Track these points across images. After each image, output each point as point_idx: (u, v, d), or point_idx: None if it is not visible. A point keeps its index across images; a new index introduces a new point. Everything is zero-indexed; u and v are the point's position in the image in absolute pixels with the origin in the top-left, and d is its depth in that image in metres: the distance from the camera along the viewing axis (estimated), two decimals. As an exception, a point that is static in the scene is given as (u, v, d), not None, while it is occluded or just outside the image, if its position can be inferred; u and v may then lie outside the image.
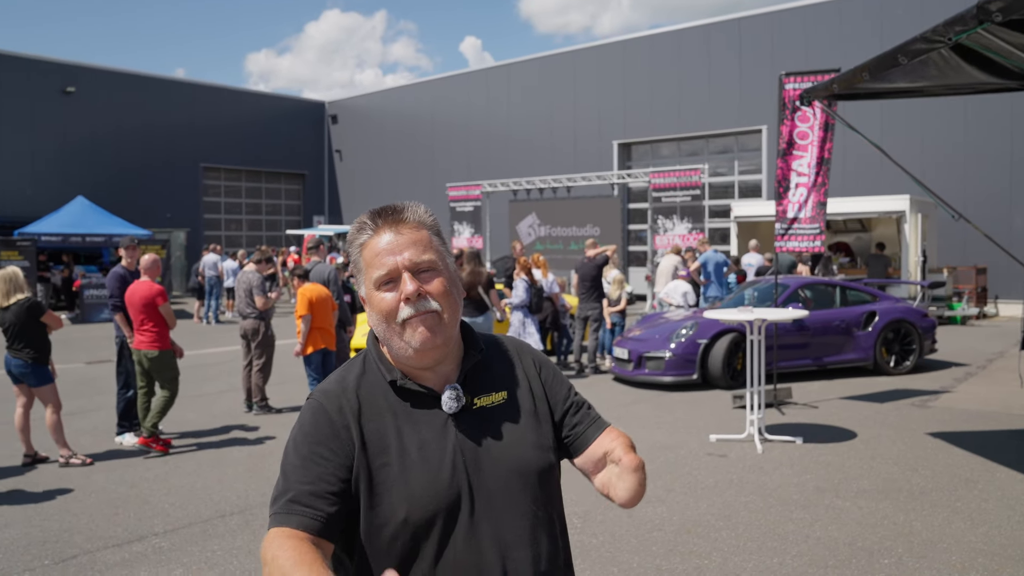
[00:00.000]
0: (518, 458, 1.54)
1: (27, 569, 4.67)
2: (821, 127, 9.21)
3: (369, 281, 1.54)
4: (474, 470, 1.50)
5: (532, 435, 1.58)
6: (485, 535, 1.48)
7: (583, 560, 4.64)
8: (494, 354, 1.66)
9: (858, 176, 20.90)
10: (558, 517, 1.61)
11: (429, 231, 1.58)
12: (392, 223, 1.56)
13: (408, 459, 1.48)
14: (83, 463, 6.89)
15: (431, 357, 1.53)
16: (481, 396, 1.57)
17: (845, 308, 11.10)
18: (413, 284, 1.50)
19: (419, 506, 1.45)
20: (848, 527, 5.14)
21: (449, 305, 1.54)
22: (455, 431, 1.52)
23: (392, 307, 1.51)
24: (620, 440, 1.59)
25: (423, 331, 1.50)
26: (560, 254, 21.53)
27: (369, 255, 1.55)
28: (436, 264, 1.55)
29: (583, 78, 27.68)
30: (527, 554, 1.51)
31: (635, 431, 7.85)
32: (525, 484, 1.54)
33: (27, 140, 27.81)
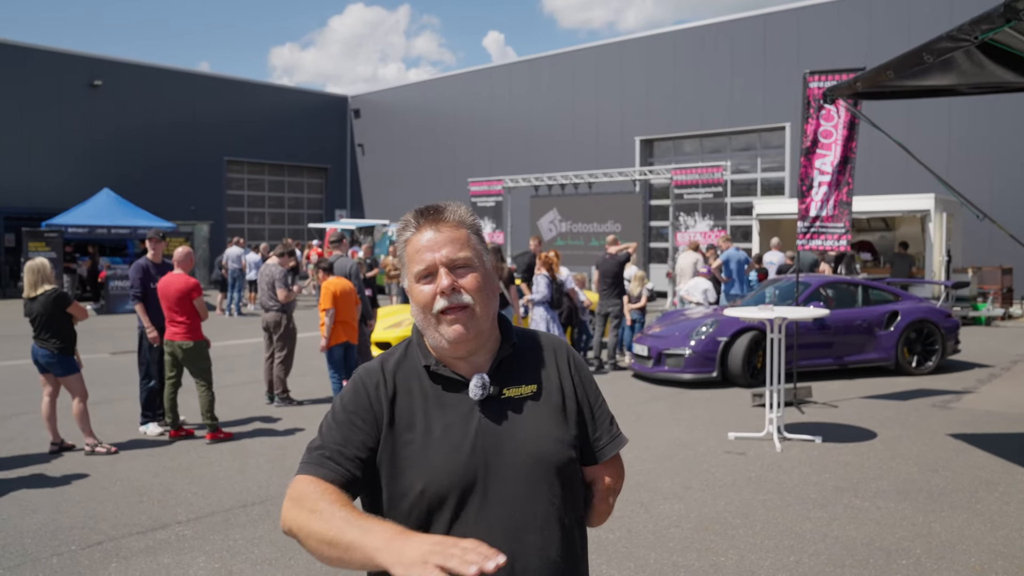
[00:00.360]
0: (538, 448, 1.61)
1: (55, 554, 4.77)
2: (846, 126, 9.15)
3: (410, 275, 1.66)
4: (493, 454, 1.58)
5: (555, 429, 1.65)
6: (496, 516, 1.56)
7: (599, 555, 4.67)
8: (530, 349, 1.74)
9: (883, 175, 20.72)
10: (574, 510, 1.67)
11: (468, 230, 1.68)
12: (433, 221, 1.67)
13: (431, 438, 1.58)
14: (108, 452, 7.00)
15: (463, 349, 1.62)
16: (510, 387, 1.65)
17: (867, 307, 11.03)
18: (448, 279, 1.61)
19: (435, 481, 1.55)
20: (866, 527, 5.13)
21: (482, 300, 1.63)
22: (480, 416, 1.60)
23: (429, 299, 1.61)
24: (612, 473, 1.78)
25: (457, 327, 1.60)
26: (581, 250, 21.52)
27: (411, 251, 1.67)
28: (472, 261, 1.65)
29: (606, 74, 27.62)
30: (537, 539, 1.57)
31: (653, 428, 7.87)
32: (542, 474, 1.60)
33: (55, 133, 28.17)
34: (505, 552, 1.43)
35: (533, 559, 1.57)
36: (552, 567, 1.59)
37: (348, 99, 37.49)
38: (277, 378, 9.03)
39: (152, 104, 30.67)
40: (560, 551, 1.60)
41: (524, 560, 1.55)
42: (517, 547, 1.55)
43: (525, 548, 1.56)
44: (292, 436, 7.63)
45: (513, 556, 1.51)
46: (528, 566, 1.56)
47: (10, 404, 9.13)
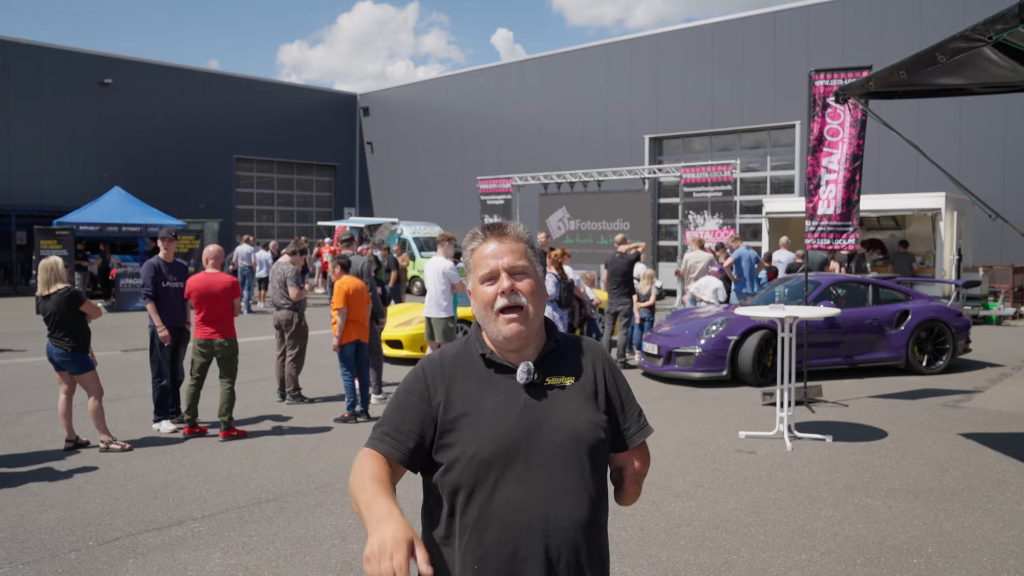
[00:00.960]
0: (573, 427, 1.89)
1: (73, 549, 4.82)
2: (853, 124, 9.14)
3: (476, 277, 1.97)
4: (534, 429, 1.86)
5: (589, 414, 1.93)
6: (535, 480, 1.84)
7: (612, 553, 4.68)
8: (571, 348, 2.03)
9: (893, 173, 20.68)
10: (600, 484, 1.94)
11: (525, 244, 2.00)
12: (497, 235, 1.99)
13: (484, 412, 1.88)
14: (122, 449, 7.06)
15: (517, 343, 1.93)
16: (552, 376, 1.94)
17: (877, 306, 11.02)
18: (508, 281, 1.92)
19: (485, 447, 1.83)
20: (877, 526, 5.14)
21: (534, 302, 1.95)
22: (525, 397, 1.89)
23: (491, 298, 1.92)
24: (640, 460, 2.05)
25: (514, 324, 1.90)
26: (590, 248, 21.53)
27: (478, 258, 1.98)
28: (528, 269, 1.96)
29: (615, 72, 27.60)
30: (568, 501, 1.84)
31: (664, 427, 7.89)
32: (575, 449, 1.88)
33: (66, 131, 28.32)
34: (540, 508, 1.82)
35: (563, 518, 1.83)
36: (578, 527, 1.85)
37: (357, 97, 37.55)
38: (289, 376, 9.08)
39: (162, 102, 30.80)
40: (587, 515, 1.86)
41: (556, 519, 1.83)
42: (550, 507, 1.83)
43: (557, 509, 1.83)
44: (304, 434, 7.68)
45: (548, 515, 1.82)
46: (559, 524, 1.83)
47: (25, 401, 9.20)
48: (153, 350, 7.97)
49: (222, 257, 7.85)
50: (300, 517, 5.35)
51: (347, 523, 5.20)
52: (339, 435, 7.62)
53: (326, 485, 6.05)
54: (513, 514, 1.82)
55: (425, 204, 33.44)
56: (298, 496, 5.79)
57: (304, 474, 6.35)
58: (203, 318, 7.50)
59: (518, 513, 1.82)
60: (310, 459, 6.77)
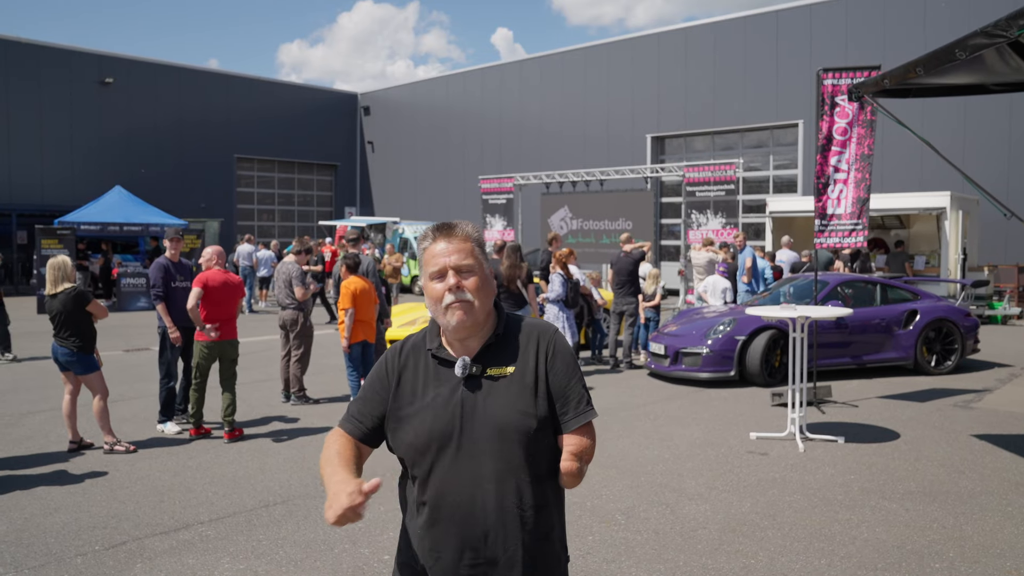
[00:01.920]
0: (503, 417, 2.01)
1: (79, 554, 4.74)
2: (861, 123, 9.07)
3: (425, 275, 2.11)
4: (467, 419, 2.01)
5: (521, 403, 2.03)
6: (464, 467, 2.00)
7: (628, 558, 4.62)
8: (515, 335, 2.12)
9: (897, 172, 20.61)
10: (535, 469, 2.03)
11: (472, 243, 2.12)
12: (446, 235, 2.12)
13: (423, 403, 2.05)
14: (127, 450, 6.98)
15: (463, 333, 2.07)
16: (493, 367, 2.06)
17: (886, 306, 10.94)
18: (455, 279, 2.06)
19: (420, 435, 2.02)
20: (896, 529, 5.06)
21: (480, 297, 2.07)
22: (462, 389, 2.04)
23: (440, 294, 2.06)
24: (573, 445, 2.04)
25: (459, 314, 2.04)
26: (592, 247, 21.44)
27: (428, 256, 2.12)
28: (473, 267, 2.09)
29: (617, 71, 27.52)
30: (494, 488, 1.99)
31: (673, 428, 7.81)
32: (504, 438, 2.00)
33: (66, 130, 28.24)
34: (468, 492, 1.99)
35: (490, 502, 1.99)
36: (505, 511, 1.99)
37: (358, 96, 37.47)
38: (294, 376, 9.00)
39: (163, 102, 30.71)
40: (515, 500, 2.00)
41: (483, 503, 1.99)
42: (478, 492, 1.99)
43: (484, 494, 1.99)
44: (310, 435, 7.60)
45: (475, 497, 2.00)
46: (486, 507, 1.99)
47: (27, 402, 9.12)
48: (164, 351, 7.89)
49: (224, 257, 7.82)
50: (309, 520, 5.27)
51: (357, 527, 5.11)
52: (346, 436, 7.52)
53: (334, 488, 5.96)
54: (444, 496, 2.01)
55: (426, 204, 33.36)
56: (306, 499, 5.71)
57: (311, 476, 6.27)
58: (216, 318, 7.44)
59: (448, 496, 2.00)
60: (316, 461, 6.68)
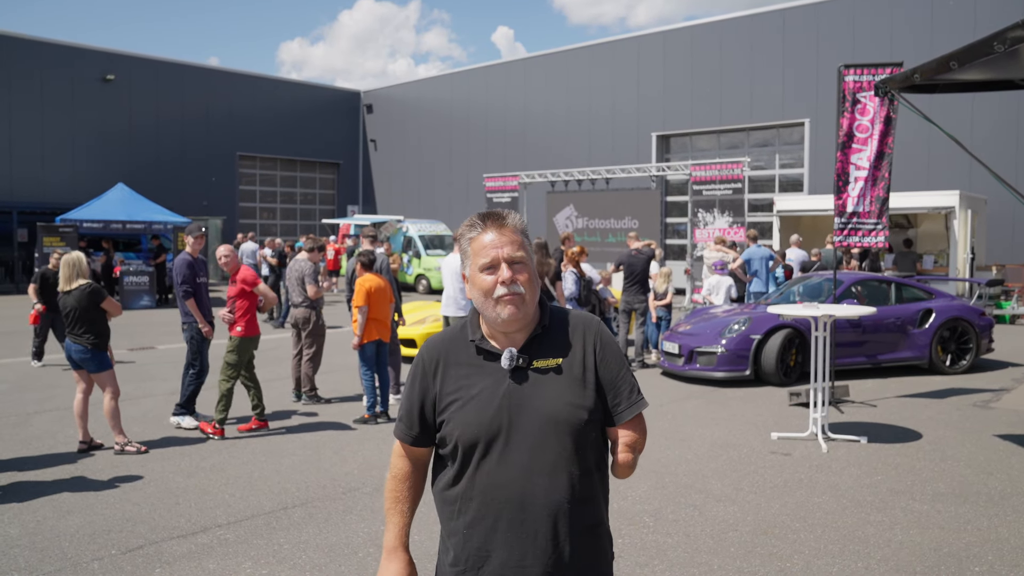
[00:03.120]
0: (553, 409, 1.97)
1: (95, 558, 4.62)
2: (882, 121, 8.97)
3: (475, 266, 2.04)
4: (516, 413, 1.96)
5: (571, 395, 1.99)
6: (515, 460, 1.95)
7: (661, 561, 4.51)
8: (561, 328, 2.09)
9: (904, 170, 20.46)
10: (584, 462, 1.99)
11: (522, 236, 2.08)
12: (496, 225, 2.06)
13: (470, 397, 2.00)
14: (138, 451, 6.86)
15: (514, 326, 2.02)
16: (539, 359, 2.02)
17: (900, 305, 10.84)
18: (508, 272, 2.01)
19: (468, 431, 1.97)
20: (930, 531, 4.95)
21: (530, 290, 2.03)
22: (509, 383, 1.99)
23: (491, 286, 2.00)
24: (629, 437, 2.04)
25: (511, 308, 1.99)
26: (598, 246, 21.33)
27: (477, 246, 2.05)
28: (525, 260, 2.05)
29: (622, 69, 27.40)
30: (544, 482, 1.95)
31: (692, 428, 7.70)
32: (555, 430, 1.96)
33: (68, 127, 28.10)
34: (519, 487, 1.94)
35: (540, 496, 1.94)
36: (555, 505, 1.95)
37: (360, 94, 37.33)
38: (305, 375, 8.88)
39: (165, 99, 30.57)
40: (566, 494, 1.95)
41: (533, 497, 1.94)
42: (528, 486, 1.95)
43: (534, 488, 1.94)
44: (325, 436, 7.48)
45: (524, 493, 1.95)
46: (536, 501, 1.94)
47: (33, 401, 9.00)
48: (196, 346, 7.79)
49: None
50: (331, 524, 5.15)
51: (380, 530, 4.99)
52: (361, 436, 7.42)
53: (354, 489, 5.85)
54: (492, 491, 1.95)
55: (430, 202, 33.23)
56: (326, 501, 5.59)
57: (329, 477, 6.15)
58: (253, 315, 7.52)
59: (496, 491, 1.95)
60: (333, 462, 6.57)
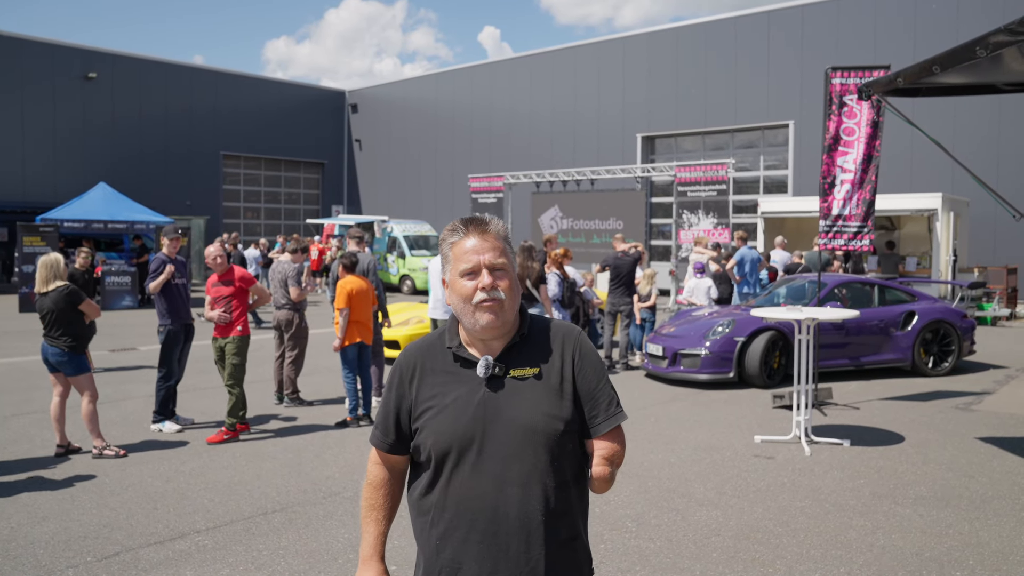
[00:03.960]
0: (529, 420, 1.92)
1: (70, 566, 4.55)
2: (869, 124, 9.01)
3: (455, 271, 2.00)
4: (491, 421, 1.92)
5: (547, 406, 1.94)
6: (488, 471, 1.91)
7: (643, 567, 4.48)
8: (540, 337, 2.04)
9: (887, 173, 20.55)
10: (559, 474, 1.94)
11: (503, 242, 2.03)
12: (479, 231, 2.03)
13: (443, 405, 1.96)
14: (116, 455, 6.77)
15: (492, 333, 1.98)
16: (516, 368, 1.98)
17: (883, 308, 10.87)
18: (489, 278, 1.97)
19: (441, 440, 1.94)
20: (912, 536, 4.95)
21: (511, 297, 1.99)
22: (484, 391, 1.95)
23: (471, 292, 1.96)
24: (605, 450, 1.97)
25: (490, 315, 1.95)
26: (583, 247, 21.35)
27: (459, 252, 2.01)
28: (506, 267, 2.00)
29: (607, 70, 27.42)
30: (518, 492, 1.90)
31: (676, 431, 7.69)
32: (530, 441, 1.91)
33: (49, 125, 27.83)
34: (492, 499, 1.90)
35: (513, 508, 1.90)
36: (528, 517, 1.90)
37: (346, 94, 37.18)
38: (287, 378, 8.81)
39: (147, 97, 30.33)
40: (540, 506, 1.90)
41: (505, 508, 1.90)
42: (501, 497, 1.90)
43: (507, 499, 1.90)
44: (305, 436, 7.42)
45: (497, 504, 1.90)
46: (509, 513, 1.90)
47: (10, 404, 8.88)
48: (167, 348, 7.70)
49: None
50: (310, 529, 5.09)
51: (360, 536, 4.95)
52: (343, 440, 7.35)
53: (334, 494, 5.79)
54: (464, 502, 1.92)
55: (415, 202, 33.14)
56: (306, 506, 5.53)
57: (310, 482, 6.09)
58: (245, 313, 7.48)
59: (469, 502, 1.91)
60: (314, 466, 6.51)
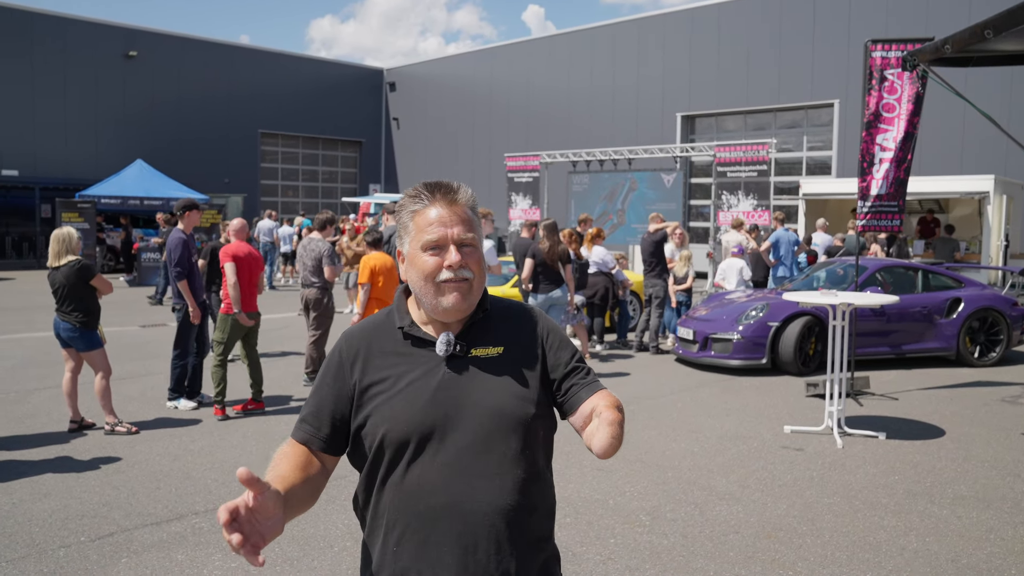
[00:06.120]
0: (496, 403, 1.71)
1: (63, 546, 4.43)
2: (910, 99, 8.55)
3: (416, 243, 1.75)
4: (453, 407, 1.70)
5: (516, 387, 1.73)
6: (450, 461, 1.68)
7: (653, 564, 4.22)
8: (502, 315, 1.84)
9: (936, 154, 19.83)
10: (530, 464, 1.72)
11: (473, 213, 1.80)
12: (446, 200, 1.77)
13: (396, 389, 1.72)
14: (128, 432, 6.69)
15: (456, 315, 1.75)
16: (478, 347, 1.76)
17: (927, 294, 10.40)
18: (457, 256, 1.73)
19: (395, 427, 1.69)
20: (948, 539, 4.62)
21: (479, 278, 1.77)
22: (444, 371, 1.72)
23: (434, 269, 1.72)
24: (606, 399, 1.70)
25: (456, 296, 1.72)
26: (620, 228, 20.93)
27: (421, 222, 1.76)
28: (475, 242, 1.78)
29: (647, 48, 26.84)
30: (485, 485, 1.67)
31: (702, 418, 7.39)
32: (498, 426, 1.69)
33: (91, 104, 28.09)
34: (455, 492, 1.67)
35: (480, 502, 1.66)
36: (498, 512, 1.67)
37: (384, 72, 37.02)
38: (309, 357, 8.65)
39: (187, 75, 30.48)
40: (511, 500, 1.68)
41: (472, 504, 1.66)
42: (467, 490, 1.67)
43: (474, 492, 1.67)
44: (320, 419, 7.27)
45: (463, 499, 1.67)
46: (475, 508, 1.66)
47: (36, 377, 8.88)
48: (184, 327, 7.61)
49: (247, 230, 7.61)
50: (309, 514, 4.91)
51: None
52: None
53: (339, 477, 5.59)
54: (425, 499, 1.68)
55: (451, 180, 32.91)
56: (309, 489, 5.36)
57: (317, 464, 5.92)
58: (248, 291, 7.35)
59: (430, 498, 1.68)
60: (325, 447, 6.34)
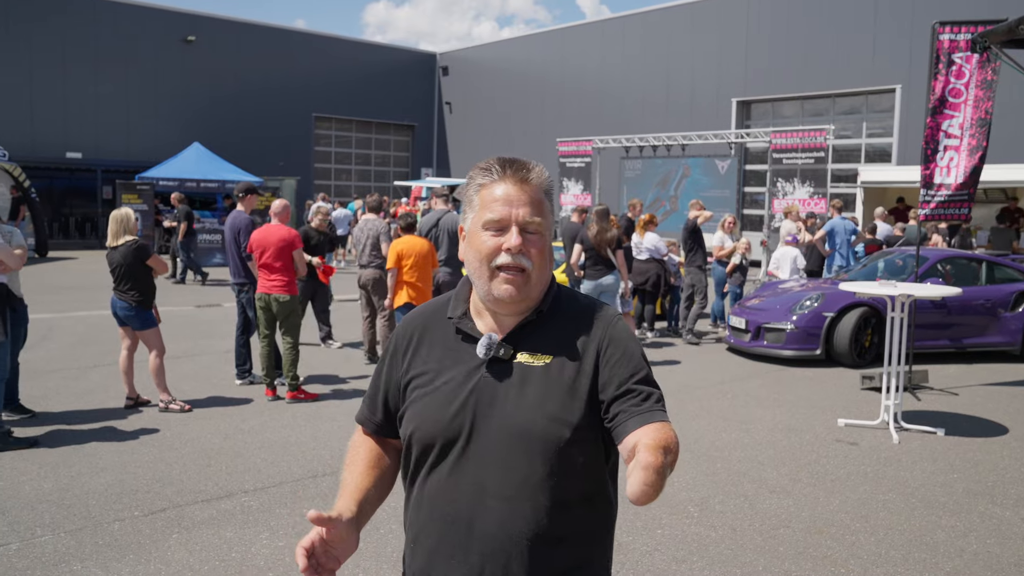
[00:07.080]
0: (526, 421, 1.54)
1: (118, 519, 4.52)
2: (979, 84, 8.23)
3: (478, 220, 1.61)
4: (482, 416, 1.55)
5: (553, 406, 1.55)
6: (468, 475, 1.55)
7: (701, 556, 4.15)
8: (568, 317, 1.64)
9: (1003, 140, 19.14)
10: (559, 492, 1.53)
11: (546, 197, 1.64)
12: (517, 177, 1.62)
13: (433, 387, 1.61)
14: (181, 409, 6.82)
15: (508, 308, 1.61)
16: (525, 353, 1.59)
17: (991, 286, 10.06)
18: (518, 239, 1.57)
19: (422, 429, 1.60)
20: (1012, 543, 4.45)
21: (540, 267, 1.61)
22: (483, 375, 1.58)
23: (492, 250, 1.58)
24: (653, 435, 1.41)
25: (510, 287, 1.57)
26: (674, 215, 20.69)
27: (487, 196, 1.61)
28: (542, 228, 1.61)
29: (703, 31, 26.38)
30: (500, 507, 1.53)
31: (753, 409, 7.26)
32: (524, 447, 1.53)
33: (150, 88, 28.64)
34: (469, 509, 1.54)
35: (492, 524, 1.53)
36: (512, 539, 1.52)
37: (437, 56, 37.06)
38: (383, 335, 8.62)
39: (244, 60, 30.88)
40: (528, 528, 1.52)
41: (483, 524, 1.54)
42: (480, 509, 1.54)
43: (486, 513, 1.54)
44: (368, 401, 7.32)
45: (473, 517, 1.54)
46: (486, 530, 1.53)
47: (95, 354, 9.11)
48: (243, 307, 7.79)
49: (287, 212, 7.63)
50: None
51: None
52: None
53: (387, 460, 5.65)
54: (440, 506, 1.59)
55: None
56: (357, 471, 5.40)
57: (365, 446, 5.96)
58: (263, 272, 7.29)
59: (444, 506, 1.58)
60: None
